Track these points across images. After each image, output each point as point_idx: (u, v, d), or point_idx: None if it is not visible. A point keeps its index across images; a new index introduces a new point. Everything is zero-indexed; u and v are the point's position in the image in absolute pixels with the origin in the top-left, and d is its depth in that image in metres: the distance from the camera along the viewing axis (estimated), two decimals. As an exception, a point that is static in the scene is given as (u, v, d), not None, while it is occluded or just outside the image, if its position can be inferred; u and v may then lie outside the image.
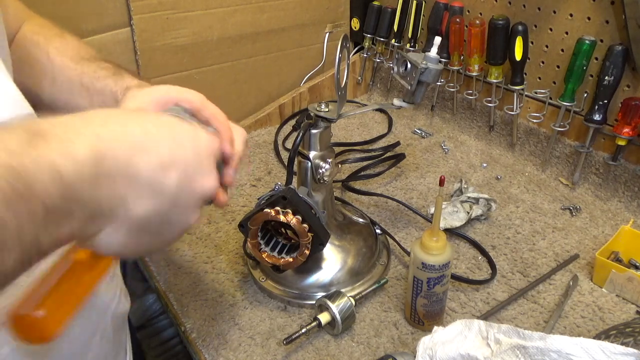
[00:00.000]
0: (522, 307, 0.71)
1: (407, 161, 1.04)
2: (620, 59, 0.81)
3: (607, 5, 0.83)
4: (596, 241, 0.82)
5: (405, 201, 0.91)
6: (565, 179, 0.96)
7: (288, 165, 0.67)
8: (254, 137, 1.16)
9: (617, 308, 0.70)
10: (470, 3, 1.04)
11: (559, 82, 0.94)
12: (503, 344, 0.55)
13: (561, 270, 0.77)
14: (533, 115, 0.97)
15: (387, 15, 1.17)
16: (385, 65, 1.24)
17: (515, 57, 0.93)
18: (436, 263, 0.62)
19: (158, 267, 0.81)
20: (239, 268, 0.80)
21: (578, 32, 0.88)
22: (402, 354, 0.61)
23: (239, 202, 0.95)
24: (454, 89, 1.08)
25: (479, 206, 0.86)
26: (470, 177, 0.99)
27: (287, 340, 0.63)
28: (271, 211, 0.63)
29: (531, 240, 0.83)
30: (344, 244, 0.76)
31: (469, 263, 0.79)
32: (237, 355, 0.66)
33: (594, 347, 0.52)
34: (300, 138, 0.67)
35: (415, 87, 0.71)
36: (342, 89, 0.69)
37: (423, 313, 0.67)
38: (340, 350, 0.66)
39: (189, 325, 0.71)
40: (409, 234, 0.86)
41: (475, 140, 1.10)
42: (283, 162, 1.06)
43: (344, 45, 0.66)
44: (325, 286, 0.73)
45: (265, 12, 1.13)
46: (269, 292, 0.74)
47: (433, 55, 0.70)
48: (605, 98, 0.84)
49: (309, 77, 1.27)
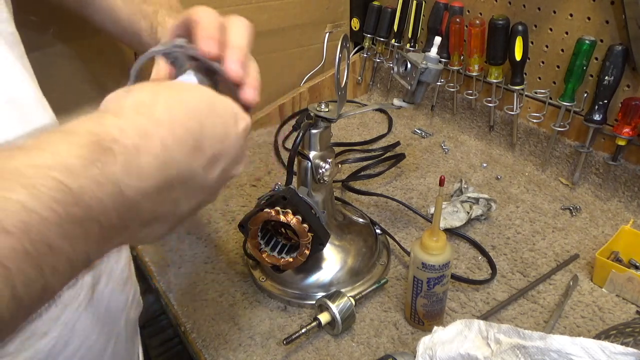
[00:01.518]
0: (522, 307, 0.71)
1: (407, 161, 1.04)
2: (620, 59, 0.80)
3: (607, 5, 0.83)
4: (596, 241, 0.82)
5: (405, 201, 0.91)
6: (565, 179, 0.96)
7: (288, 165, 0.67)
8: (254, 137, 1.16)
9: (617, 308, 0.70)
10: (470, 3, 1.04)
11: (559, 82, 0.94)
12: (503, 343, 0.55)
13: (561, 270, 0.77)
14: (533, 115, 0.97)
15: (387, 15, 1.17)
16: (385, 65, 1.24)
17: (515, 57, 0.93)
18: (436, 263, 0.62)
19: (158, 267, 0.81)
20: (239, 268, 0.80)
21: (578, 32, 0.88)
22: (402, 354, 0.61)
23: (239, 202, 0.95)
24: (454, 89, 1.08)
25: (479, 206, 0.86)
26: (470, 177, 0.99)
27: (287, 340, 0.63)
28: (271, 211, 0.63)
29: (531, 240, 0.83)
30: (344, 244, 0.76)
31: (469, 263, 0.79)
32: (237, 355, 0.66)
33: (594, 347, 0.52)
34: (300, 138, 0.67)
35: (415, 87, 0.71)
36: (342, 89, 0.69)
37: (423, 313, 0.67)
38: (340, 350, 0.66)
39: (189, 325, 0.71)
40: (409, 234, 0.86)
41: (475, 140, 1.10)
42: (283, 162, 1.06)
43: (344, 45, 0.66)
44: (325, 286, 0.73)
45: (265, 12, 1.13)
46: (269, 292, 0.74)
47: (433, 55, 0.70)
48: (605, 98, 0.84)
49: (309, 77, 1.27)
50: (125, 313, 0.59)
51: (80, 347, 0.50)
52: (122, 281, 0.58)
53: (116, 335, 0.56)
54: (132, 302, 0.61)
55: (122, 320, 0.58)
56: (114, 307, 0.56)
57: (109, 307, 0.54)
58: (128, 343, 0.60)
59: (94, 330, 0.52)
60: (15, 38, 0.45)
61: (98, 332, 0.52)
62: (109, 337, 0.55)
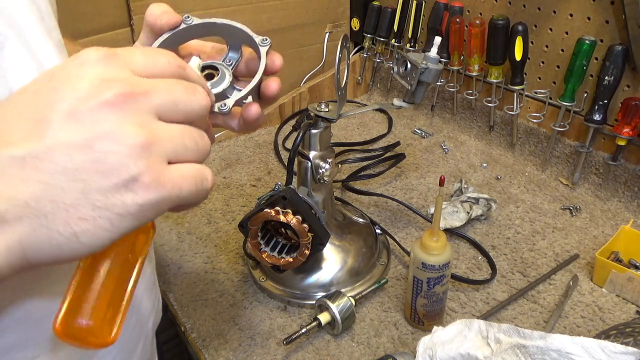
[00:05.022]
0: (522, 307, 0.71)
1: (407, 161, 1.04)
2: (620, 59, 0.81)
3: (607, 5, 0.83)
4: (596, 241, 0.82)
5: (405, 201, 0.91)
6: (565, 179, 0.96)
7: (288, 165, 0.67)
8: (254, 137, 1.16)
9: (617, 308, 0.70)
10: (470, 3, 1.04)
11: (559, 82, 0.94)
12: (503, 343, 0.55)
13: (561, 270, 0.77)
14: (533, 115, 0.97)
15: (387, 15, 1.17)
16: (385, 65, 1.24)
17: (515, 57, 0.93)
18: (436, 263, 0.62)
19: (158, 267, 0.81)
20: (239, 268, 0.80)
21: (578, 32, 0.88)
22: (402, 354, 0.61)
23: (239, 202, 0.95)
24: (454, 89, 1.08)
25: (479, 206, 0.86)
26: (470, 177, 0.99)
27: (287, 340, 0.63)
28: (271, 211, 0.63)
29: (531, 240, 0.83)
30: (344, 244, 0.76)
31: (469, 263, 0.79)
32: (237, 355, 0.66)
33: (594, 346, 0.52)
34: (300, 138, 0.67)
35: (415, 87, 0.71)
36: (342, 89, 0.69)
37: (423, 313, 0.67)
38: (340, 350, 0.66)
39: (189, 325, 0.71)
40: (409, 234, 0.86)
41: (475, 140, 1.10)
42: (283, 162, 1.06)
43: (344, 45, 0.66)
44: (325, 286, 0.73)
45: (265, 12, 1.13)
46: (269, 292, 0.74)
47: (433, 55, 0.70)
48: (605, 98, 0.84)
49: (309, 77, 1.27)
50: (153, 315, 0.60)
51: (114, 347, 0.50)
52: (151, 284, 0.58)
53: (145, 336, 0.57)
54: (158, 305, 0.61)
55: (150, 322, 0.59)
56: (144, 309, 0.56)
57: (140, 308, 0.54)
58: (152, 346, 0.61)
59: (127, 330, 0.52)
60: (63, 45, 0.45)
61: (130, 332, 0.53)
62: (139, 338, 0.55)
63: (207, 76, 0.45)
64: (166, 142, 0.31)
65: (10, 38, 0.38)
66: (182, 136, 0.32)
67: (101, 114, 0.29)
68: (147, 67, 0.33)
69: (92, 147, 0.28)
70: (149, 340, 0.59)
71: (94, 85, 0.29)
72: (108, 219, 0.29)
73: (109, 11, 0.94)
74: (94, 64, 0.30)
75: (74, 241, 0.29)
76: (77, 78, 0.30)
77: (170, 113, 0.32)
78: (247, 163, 1.07)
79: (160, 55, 0.34)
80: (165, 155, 0.31)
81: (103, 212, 0.29)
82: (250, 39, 0.46)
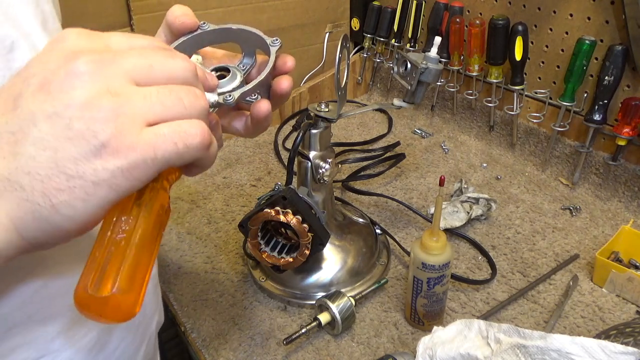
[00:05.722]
0: (522, 307, 0.71)
1: (407, 161, 1.04)
2: (620, 59, 0.80)
3: (607, 5, 0.83)
4: (596, 241, 0.82)
5: (405, 201, 0.91)
6: (565, 179, 0.96)
7: (288, 165, 0.67)
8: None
9: (617, 308, 0.70)
10: (470, 3, 1.04)
11: (559, 82, 0.94)
12: (503, 343, 0.55)
13: (561, 270, 0.77)
14: (533, 115, 0.97)
15: (387, 15, 1.17)
16: (385, 65, 1.24)
17: (515, 57, 0.93)
18: (436, 263, 0.62)
19: (158, 267, 0.80)
20: (239, 268, 0.80)
21: (578, 32, 0.88)
22: (402, 354, 0.61)
23: (239, 202, 0.95)
24: (454, 89, 1.08)
25: (479, 206, 0.86)
26: (470, 177, 0.99)
27: (287, 340, 0.63)
28: (271, 211, 0.63)
29: (531, 240, 0.83)
30: (344, 244, 0.76)
31: (469, 263, 0.79)
32: (237, 355, 0.66)
33: (594, 346, 0.52)
34: (300, 138, 0.67)
35: (415, 87, 0.71)
36: (342, 89, 0.69)
37: (423, 313, 0.67)
38: (340, 350, 0.66)
39: (189, 325, 0.71)
40: (409, 234, 0.86)
41: (475, 140, 1.10)
42: (283, 162, 1.06)
43: (344, 45, 0.66)
44: (325, 286, 0.73)
45: (265, 12, 1.13)
46: (269, 292, 0.74)
47: (433, 55, 0.70)
48: (605, 98, 0.84)
49: (309, 77, 1.27)
50: (157, 316, 0.60)
51: (118, 347, 0.51)
52: (153, 286, 0.59)
53: (148, 337, 0.58)
54: (160, 306, 0.62)
55: (153, 322, 0.59)
56: (147, 311, 0.57)
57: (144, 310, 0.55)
58: (155, 346, 0.62)
59: (131, 332, 0.53)
60: None
61: (134, 334, 0.53)
62: (142, 339, 0.56)
63: (219, 77, 0.45)
64: (138, 103, 0.30)
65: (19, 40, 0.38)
66: (159, 95, 0.31)
67: (70, 83, 0.29)
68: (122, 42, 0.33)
69: (60, 116, 0.28)
70: (152, 341, 0.59)
71: (64, 56, 0.30)
72: (82, 188, 0.28)
73: (109, 11, 0.94)
74: (69, 39, 0.31)
75: (54, 213, 0.29)
76: (50, 52, 0.30)
77: (146, 76, 0.31)
78: (247, 163, 1.07)
79: (140, 38, 0.34)
80: (140, 117, 0.30)
81: (77, 182, 0.28)
82: (262, 41, 0.47)
